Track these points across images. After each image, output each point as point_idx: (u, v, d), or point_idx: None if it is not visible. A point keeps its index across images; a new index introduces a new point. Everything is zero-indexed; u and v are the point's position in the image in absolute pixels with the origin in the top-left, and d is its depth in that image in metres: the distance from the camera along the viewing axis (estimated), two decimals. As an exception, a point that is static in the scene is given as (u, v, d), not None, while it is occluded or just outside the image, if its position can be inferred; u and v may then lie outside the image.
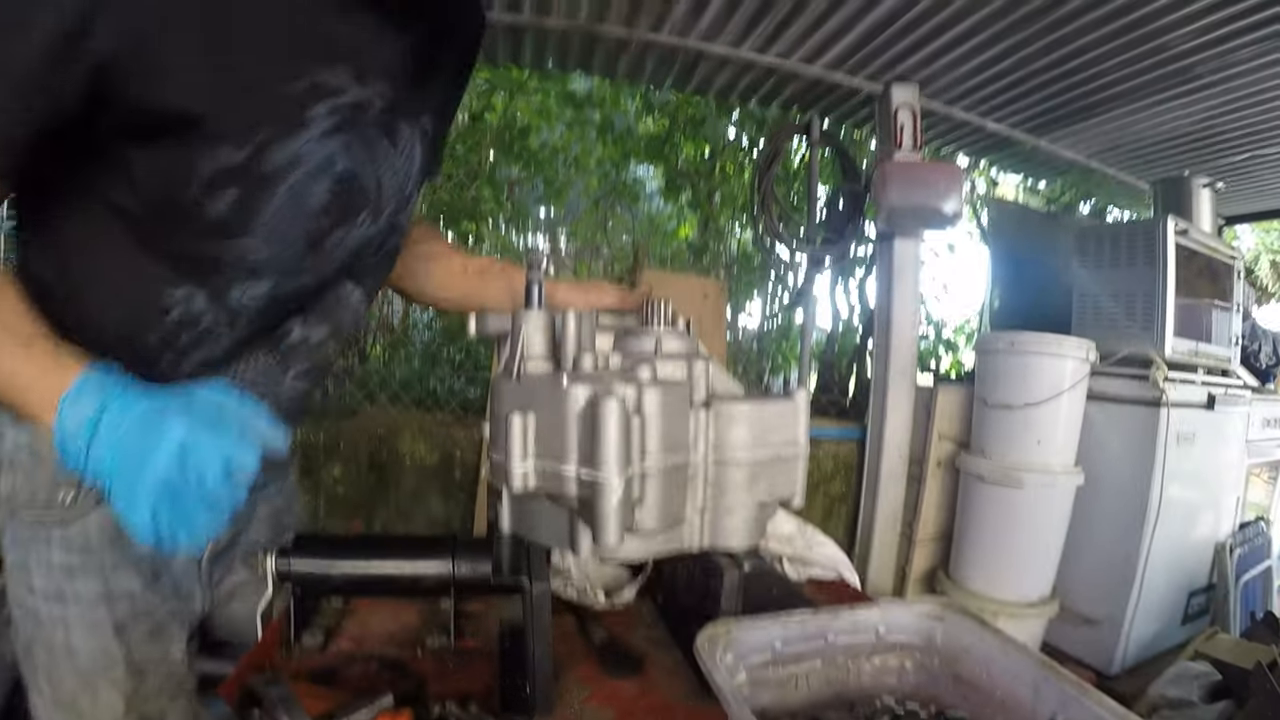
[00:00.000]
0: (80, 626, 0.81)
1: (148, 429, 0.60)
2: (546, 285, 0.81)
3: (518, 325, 0.71)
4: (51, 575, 0.80)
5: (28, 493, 0.80)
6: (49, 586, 0.81)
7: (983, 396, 2.82)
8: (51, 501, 0.79)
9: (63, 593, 0.81)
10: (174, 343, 0.79)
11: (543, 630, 0.69)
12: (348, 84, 0.73)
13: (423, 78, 0.85)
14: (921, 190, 2.76)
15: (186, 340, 0.79)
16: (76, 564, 0.80)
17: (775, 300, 4.28)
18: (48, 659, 0.82)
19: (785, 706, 0.69)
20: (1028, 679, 0.63)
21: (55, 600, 0.81)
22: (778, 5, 2.52)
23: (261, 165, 0.70)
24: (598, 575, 1.07)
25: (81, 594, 0.81)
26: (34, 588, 0.81)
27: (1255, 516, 3.25)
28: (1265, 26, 2.32)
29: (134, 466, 0.59)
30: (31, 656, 0.83)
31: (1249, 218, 4.73)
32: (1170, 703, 2.12)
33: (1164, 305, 2.68)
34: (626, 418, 0.59)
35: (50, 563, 0.80)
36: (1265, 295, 8.15)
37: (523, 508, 0.73)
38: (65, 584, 0.81)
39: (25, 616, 0.83)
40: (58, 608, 0.81)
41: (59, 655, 0.82)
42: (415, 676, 0.80)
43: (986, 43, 2.63)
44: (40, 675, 0.83)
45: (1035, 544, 2.70)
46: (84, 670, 0.82)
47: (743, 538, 0.72)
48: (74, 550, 0.80)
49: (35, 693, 0.84)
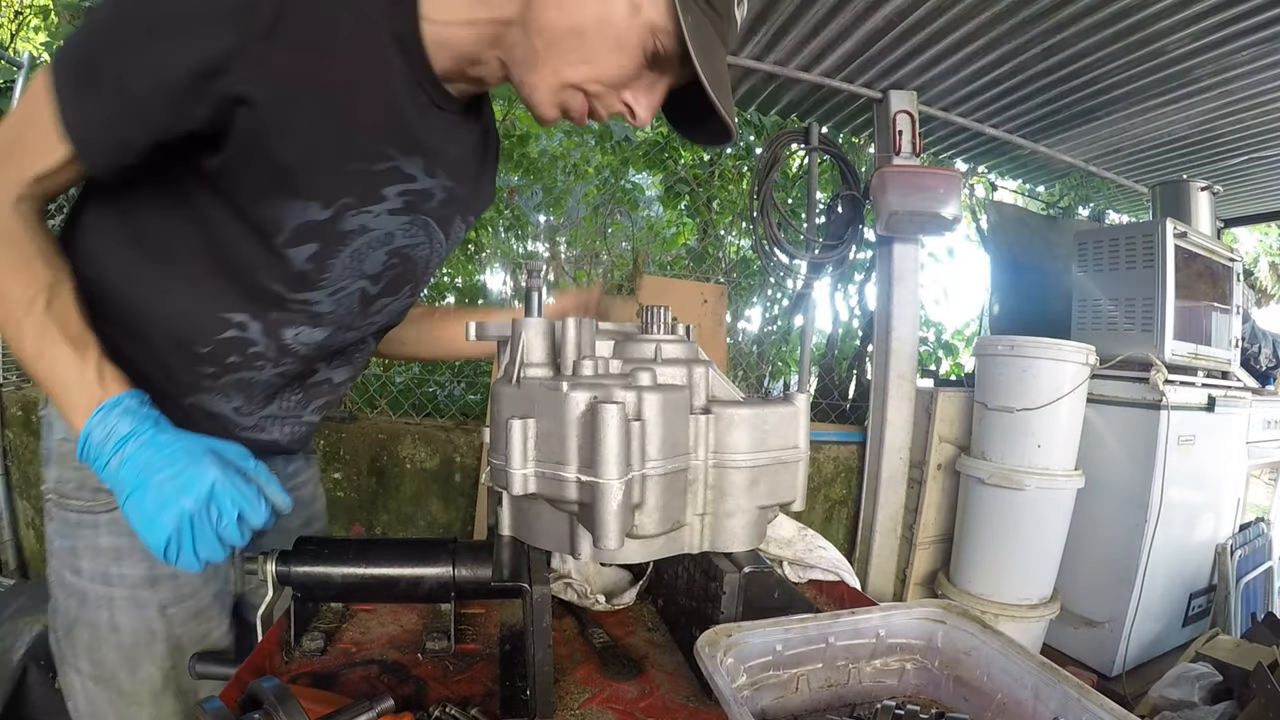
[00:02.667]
0: (125, 606, 0.87)
1: (185, 464, 0.67)
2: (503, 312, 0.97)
3: (518, 332, 0.72)
4: (99, 558, 0.86)
5: (76, 481, 0.85)
6: (96, 569, 0.86)
7: (983, 400, 2.82)
8: (100, 489, 0.84)
9: (109, 575, 0.86)
10: (219, 359, 0.84)
11: (543, 633, 0.69)
12: (419, 174, 0.82)
13: (479, 176, 0.95)
14: (920, 195, 2.77)
15: (232, 361, 0.85)
16: (124, 547, 0.86)
17: (775, 305, 4.28)
18: (90, 637, 0.87)
19: (786, 709, 0.69)
20: (1028, 681, 0.64)
21: (102, 581, 0.86)
22: (776, 12, 2.54)
23: (338, 225, 0.79)
24: (598, 578, 1.07)
25: (128, 576, 0.86)
26: (81, 570, 0.86)
27: (1255, 518, 3.25)
28: (1262, 30, 2.33)
29: (167, 492, 0.65)
30: (73, 636, 0.87)
31: (1247, 220, 4.74)
32: (1171, 704, 2.11)
33: (1163, 308, 2.68)
34: (626, 423, 0.59)
35: (98, 547, 0.86)
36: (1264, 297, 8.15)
37: (523, 511, 0.74)
38: (112, 566, 0.86)
39: (70, 597, 0.87)
40: (104, 588, 0.86)
41: (103, 633, 0.87)
42: (415, 680, 0.80)
43: (984, 48, 2.64)
44: (81, 654, 0.87)
45: (1036, 547, 2.70)
46: (126, 646, 0.87)
47: (743, 541, 0.72)
48: (121, 534, 0.85)
49: (73, 671, 0.89)
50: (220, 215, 0.77)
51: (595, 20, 0.71)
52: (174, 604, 0.90)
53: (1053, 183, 4.16)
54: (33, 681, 2.09)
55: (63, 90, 0.67)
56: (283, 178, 0.73)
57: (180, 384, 0.85)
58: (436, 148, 0.83)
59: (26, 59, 3.44)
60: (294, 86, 0.69)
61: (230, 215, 0.77)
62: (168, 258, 0.80)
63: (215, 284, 0.81)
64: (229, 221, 0.77)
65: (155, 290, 0.81)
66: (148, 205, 0.79)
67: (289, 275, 0.81)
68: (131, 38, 0.65)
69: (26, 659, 2.10)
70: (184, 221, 0.78)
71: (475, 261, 4.17)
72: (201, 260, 0.80)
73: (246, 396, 0.90)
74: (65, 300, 0.72)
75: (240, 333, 0.83)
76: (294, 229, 0.77)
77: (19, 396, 3.13)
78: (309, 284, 0.83)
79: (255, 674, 0.72)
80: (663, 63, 0.75)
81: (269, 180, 0.73)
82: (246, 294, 0.81)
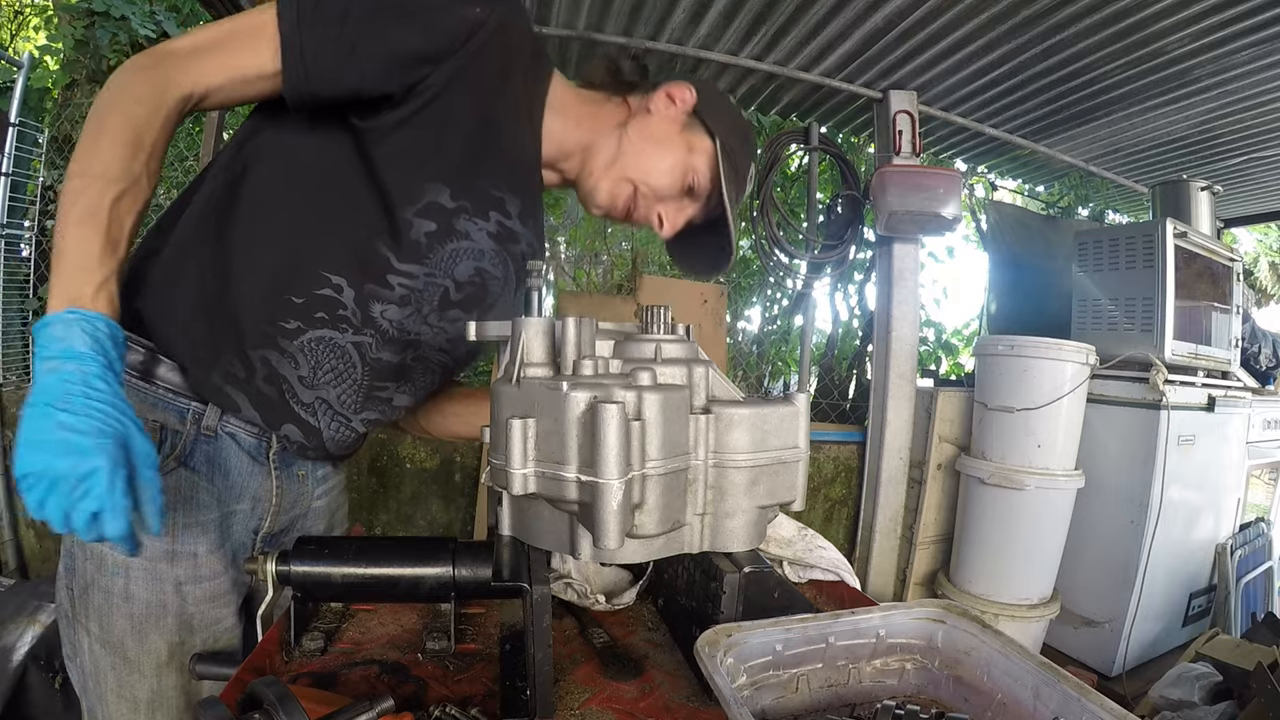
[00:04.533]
0: (142, 576, 0.88)
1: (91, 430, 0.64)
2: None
3: (517, 331, 0.72)
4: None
5: None
6: None
7: (983, 400, 2.82)
8: None
9: None
10: (308, 313, 0.89)
11: (543, 633, 0.69)
12: (516, 215, 0.98)
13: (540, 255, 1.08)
14: (920, 195, 2.77)
15: (320, 316, 0.90)
16: None
17: (774, 305, 4.28)
18: (103, 601, 0.88)
19: (786, 709, 0.69)
20: (1028, 681, 0.64)
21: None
22: (775, 13, 2.54)
23: (453, 220, 0.92)
24: (598, 578, 1.07)
25: (148, 548, 0.86)
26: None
27: (1255, 518, 3.25)
28: (1262, 30, 2.33)
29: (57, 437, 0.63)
30: (87, 597, 0.88)
31: (1247, 220, 4.75)
32: (1171, 704, 2.11)
33: (1164, 308, 2.68)
34: (626, 422, 0.59)
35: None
36: (1264, 297, 8.16)
37: (523, 511, 0.74)
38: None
39: (88, 560, 0.88)
40: (123, 555, 0.84)
41: (115, 600, 0.88)
42: (415, 680, 0.80)
43: (984, 49, 2.64)
44: (93, 616, 0.88)
45: (1036, 546, 2.70)
46: (137, 616, 0.88)
47: (743, 541, 0.72)
48: None
49: (83, 631, 0.90)
50: (357, 176, 0.87)
51: (664, 144, 1.01)
52: (191, 582, 0.91)
53: (1052, 183, 4.17)
54: (33, 681, 2.09)
55: (304, 14, 0.79)
56: (434, 157, 0.88)
57: (260, 333, 0.88)
58: (533, 203, 1.02)
59: (26, 59, 3.44)
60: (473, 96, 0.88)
61: (367, 179, 0.87)
62: (292, 206, 0.88)
63: (328, 241, 0.88)
64: (364, 185, 0.88)
65: (270, 235, 0.88)
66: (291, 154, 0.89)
67: (403, 243, 0.90)
68: (383, 6, 0.82)
69: (26, 659, 2.10)
70: (321, 177, 0.88)
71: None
72: (323, 215, 0.88)
73: (314, 366, 0.92)
74: (129, 206, 0.75)
75: (335, 294, 0.89)
76: (425, 204, 0.89)
77: (19, 396, 3.13)
78: (417, 256, 0.91)
79: (255, 674, 0.72)
80: (695, 196, 1.05)
81: (422, 154, 0.88)
82: (354, 256, 0.89)
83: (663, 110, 1.01)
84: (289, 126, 0.88)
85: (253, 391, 0.90)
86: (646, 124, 1.01)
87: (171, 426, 0.89)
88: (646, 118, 1.01)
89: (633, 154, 1.00)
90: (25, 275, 3.47)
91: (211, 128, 2.84)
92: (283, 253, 0.88)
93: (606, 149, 1.01)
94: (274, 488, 0.98)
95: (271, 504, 0.99)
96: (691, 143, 1.02)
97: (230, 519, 0.96)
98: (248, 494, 0.97)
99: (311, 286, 0.88)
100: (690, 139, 1.02)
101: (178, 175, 3.59)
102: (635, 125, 1.01)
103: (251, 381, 0.90)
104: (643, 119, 1.01)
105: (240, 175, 0.89)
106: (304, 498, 1.05)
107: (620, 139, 1.01)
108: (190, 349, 0.88)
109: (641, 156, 1.00)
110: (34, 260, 3.48)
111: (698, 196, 1.05)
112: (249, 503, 0.97)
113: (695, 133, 1.02)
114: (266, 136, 0.90)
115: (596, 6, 2.61)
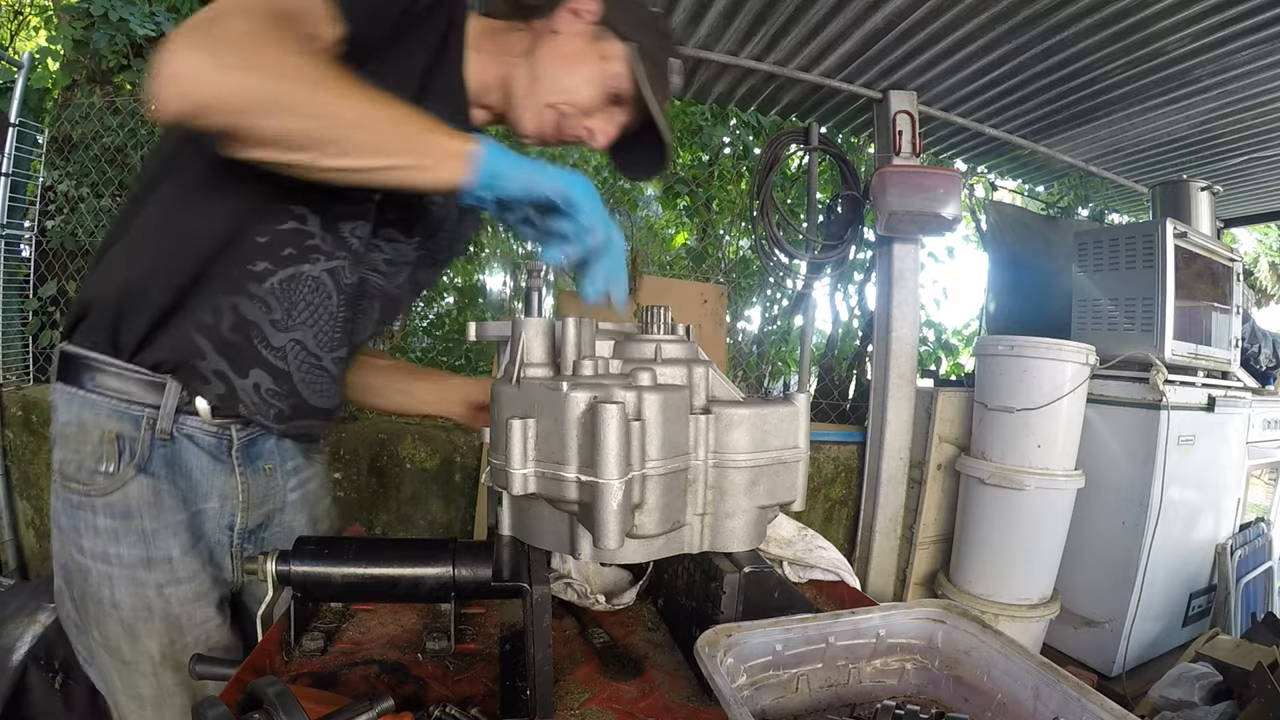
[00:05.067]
0: (124, 583, 0.91)
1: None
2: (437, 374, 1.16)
3: (518, 332, 0.72)
4: (98, 538, 0.90)
5: (74, 465, 0.89)
6: (96, 548, 0.90)
7: (983, 400, 2.82)
8: (95, 471, 0.89)
9: (108, 554, 0.90)
10: (275, 250, 0.90)
11: (543, 633, 0.69)
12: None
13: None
14: (920, 195, 2.77)
15: (288, 253, 0.91)
16: (120, 529, 0.90)
17: (774, 305, 4.28)
18: (96, 610, 0.92)
19: (786, 709, 0.69)
20: (1028, 681, 0.64)
21: (101, 560, 0.90)
22: (775, 13, 2.54)
23: None
24: (598, 578, 1.07)
25: (124, 556, 0.90)
26: (83, 548, 0.90)
27: (1255, 518, 3.25)
28: (1262, 30, 2.33)
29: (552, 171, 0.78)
30: (85, 607, 0.92)
31: (1247, 220, 4.74)
32: (1171, 704, 2.11)
33: (1164, 308, 2.68)
34: (626, 423, 0.59)
35: (96, 527, 0.90)
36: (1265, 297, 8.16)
37: (523, 511, 0.74)
38: (110, 547, 0.90)
39: (78, 572, 0.92)
40: (104, 566, 0.90)
41: (105, 607, 0.91)
42: (415, 680, 0.80)
43: (984, 49, 2.64)
44: (93, 623, 0.92)
45: (1036, 546, 2.70)
46: (126, 621, 0.91)
47: (743, 541, 0.72)
48: (116, 516, 0.90)
49: (89, 637, 0.94)
50: None
51: (575, 59, 1.00)
52: (170, 584, 0.92)
53: (1052, 183, 4.17)
54: (32, 682, 2.09)
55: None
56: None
57: (229, 279, 0.89)
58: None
59: (26, 59, 3.44)
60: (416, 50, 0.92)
61: None
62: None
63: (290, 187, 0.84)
64: None
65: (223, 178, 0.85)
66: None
67: None
68: None
69: (27, 659, 2.10)
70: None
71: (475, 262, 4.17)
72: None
73: (288, 309, 0.92)
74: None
75: (300, 224, 0.90)
76: None
77: (19, 396, 3.13)
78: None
79: (255, 674, 0.72)
80: (622, 103, 1.05)
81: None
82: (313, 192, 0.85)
83: (569, 26, 1.01)
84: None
85: (218, 339, 0.90)
86: (555, 44, 1.00)
87: (128, 434, 0.90)
88: (554, 38, 1.01)
89: (547, 76, 1.00)
90: (25, 275, 3.47)
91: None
92: (242, 193, 0.87)
93: (521, 77, 1.01)
94: (239, 484, 0.99)
95: (239, 500, 0.99)
96: (604, 51, 1.01)
97: (200, 518, 0.97)
98: (214, 493, 0.97)
99: (275, 222, 0.89)
100: (602, 48, 1.01)
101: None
102: (544, 47, 1.00)
103: (222, 326, 0.89)
104: (550, 40, 1.01)
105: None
106: (275, 491, 1.05)
107: (533, 64, 1.00)
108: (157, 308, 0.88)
109: (556, 77, 1.00)
110: (34, 260, 3.48)
111: (625, 102, 1.05)
112: (217, 500, 0.98)
113: (607, 40, 1.02)
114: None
115: (596, 6, 2.60)
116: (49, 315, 3.47)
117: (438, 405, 1.24)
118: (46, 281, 3.49)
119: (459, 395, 1.23)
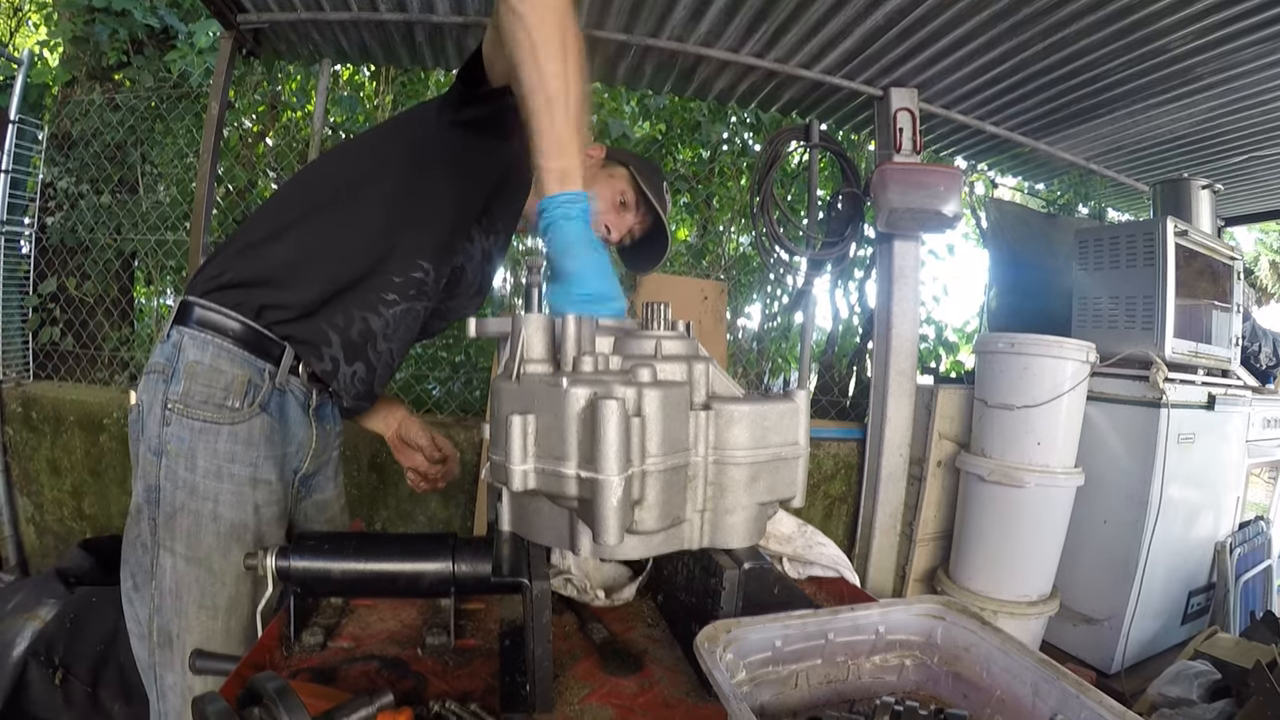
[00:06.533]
0: (230, 499, 1.07)
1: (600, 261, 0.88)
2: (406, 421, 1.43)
3: (518, 328, 0.72)
4: (216, 458, 1.06)
5: (203, 395, 1.06)
6: (211, 466, 1.06)
7: (983, 397, 2.82)
8: (223, 405, 1.07)
9: (221, 472, 1.07)
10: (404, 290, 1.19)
11: (542, 629, 0.70)
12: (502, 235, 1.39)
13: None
14: (920, 192, 2.77)
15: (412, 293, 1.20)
16: (239, 453, 1.08)
17: (775, 302, 4.28)
18: (192, 523, 1.05)
19: (785, 705, 0.69)
20: (1027, 678, 0.64)
21: (215, 477, 1.06)
22: (776, 10, 2.53)
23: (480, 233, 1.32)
24: (598, 574, 1.07)
25: (237, 475, 1.08)
26: (196, 466, 1.05)
27: (1255, 516, 3.25)
28: (1264, 29, 2.32)
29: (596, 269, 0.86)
30: (173, 524, 1.05)
31: (1248, 219, 4.74)
32: (1170, 701, 2.12)
33: (1164, 306, 2.68)
34: (626, 419, 0.59)
35: (216, 450, 1.06)
36: (1265, 296, 8.16)
37: (523, 507, 0.74)
38: (226, 465, 1.07)
39: (179, 489, 1.05)
40: (215, 483, 1.06)
41: (205, 520, 1.06)
42: (415, 675, 0.80)
43: (985, 46, 2.64)
44: (179, 538, 1.05)
45: (1035, 544, 2.70)
46: (223, 534, 1.07)
47: (743, 537, 0.72)
48: (239, 442, 1.08)
49: (167, 554, 1.05)
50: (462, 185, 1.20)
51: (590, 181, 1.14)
52: (266, 505, 1.11)
53: (1053, 180, 4.16)
54: (33, 678, 2.09)
55: None
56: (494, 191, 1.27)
57: (366, 301, 1.15)
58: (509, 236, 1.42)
59: (26, 56, 3.43)
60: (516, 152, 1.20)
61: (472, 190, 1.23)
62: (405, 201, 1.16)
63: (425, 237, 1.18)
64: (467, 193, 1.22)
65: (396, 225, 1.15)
66: (437, 167, 1.18)
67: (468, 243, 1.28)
68: None
69: (27, 655, 2.10)
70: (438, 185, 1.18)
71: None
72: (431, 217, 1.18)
73: (395, 328, 1.20)
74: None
75: (424, 276, 1.20)
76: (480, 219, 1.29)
77: (19, 393, 3.13)
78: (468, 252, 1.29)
79: (255, 669, 0.72)
80: (627, 209, 1.45)
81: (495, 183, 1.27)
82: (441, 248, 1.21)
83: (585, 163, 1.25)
84: (446, 141, 1.20)
85: (345, 338, 1.15)
86: None
87: (254, 381, 1.09)
88: None
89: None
90: (25, 272, 3.46)
91: (211, 124, 2.84)
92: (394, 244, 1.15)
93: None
94: (313, 434, 1.23)
95: (311, 447, 1.23)
96: (611, 173, 1.44)
97: (286, 458, 1.18)
98: (295, 438, 1.19)
99: (410, 270, 1.18)
100: (609, 172, 1.44)
101: (177, 172, 3.58)
102: None
103: (347, 331, 1.15)
104: None
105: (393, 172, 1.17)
106: (329, 446, 1.30)
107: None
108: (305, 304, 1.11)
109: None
110: (34, 257, 3.48)
111: (630, 208, 1.45)
112: (295, 446, 1.20)
113: (611, 168, 1.45)
114: (424, 145, 1.20)
115: (597, 4, 2.60)
116: (49, 312, 3.47)
117: (376, 425, 1.47)
118: (46, 278, 3.49)
119: (395, 422, 1.46)
